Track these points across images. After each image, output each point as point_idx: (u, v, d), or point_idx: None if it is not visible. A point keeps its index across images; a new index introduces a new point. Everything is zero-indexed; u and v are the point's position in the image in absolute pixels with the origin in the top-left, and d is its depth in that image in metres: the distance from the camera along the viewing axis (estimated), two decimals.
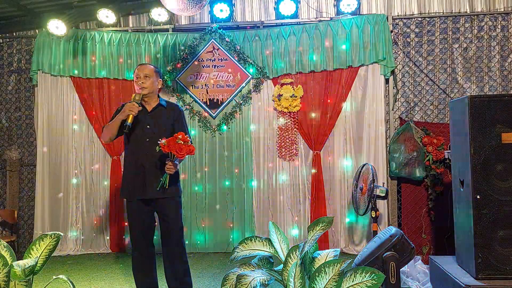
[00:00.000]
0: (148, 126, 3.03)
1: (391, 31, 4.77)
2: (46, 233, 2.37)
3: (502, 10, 4.74)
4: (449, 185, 4.05)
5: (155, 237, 3.16)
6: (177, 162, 2.94)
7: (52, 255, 2.34)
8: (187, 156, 2.91)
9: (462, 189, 3.03)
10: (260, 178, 4.92)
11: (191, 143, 2.92)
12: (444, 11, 4.83)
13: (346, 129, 4.82)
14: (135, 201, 3.04)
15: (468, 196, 2.89)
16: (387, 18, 4.75)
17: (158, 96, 3.16)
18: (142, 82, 3.00)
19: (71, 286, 2.23)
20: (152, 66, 3.11)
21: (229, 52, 4.93)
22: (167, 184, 2.93)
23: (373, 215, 3.94)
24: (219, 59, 4.96)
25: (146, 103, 3.08)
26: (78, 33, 5.03)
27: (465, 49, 4.79)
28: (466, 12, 4.80)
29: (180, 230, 3.09)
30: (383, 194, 3.87)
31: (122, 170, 3.26)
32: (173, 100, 4.96)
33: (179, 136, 2.77)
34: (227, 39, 4.91)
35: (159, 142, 2.78)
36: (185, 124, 3.20)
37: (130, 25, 5.27)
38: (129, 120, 2.90)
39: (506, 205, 2.81)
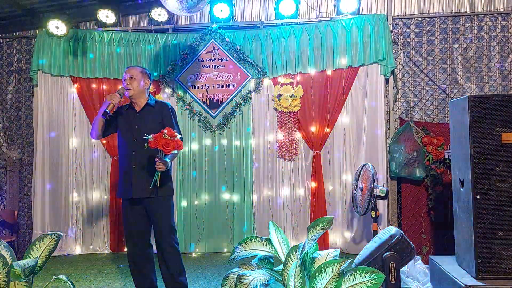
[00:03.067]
0: (136, 126, 3.07)
1: (391, 31, 4.77)
2: (46, 233, 2.37)
3: (502, 10, 4.74)
4: (449, 185, 4.04)
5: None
6: (168, 160, 2.93)
7: (52, 255, 2.34)
8: (177, 151, 2.92)
9: (462, 189, 3.03)
10: (260, 178, 4.91)
11: (181, 138, 2.93)
12: (444, 11, 4.83)
13: (346, 129, 4.82)
14: (127, 200, 3.07)
15: (468, 196, 2.89)
16: (387, 18, 4.75)
17: (149, 96, 3.19)
18: (127, 84, 3.08)
19: (71, 286, 2.23)
20: (138, 68, 3.17)
21: (229, 52, 4.93)
22: (159, 183, 2.93)
23: (373, 215, 3.94)
24: (219, 59, 4.96)
25: (134, 104, 3.14)
26: (78, 33, 5.03)
27: (465, 49, 4.79)
28: (466, 12, 4.80)
29: (171, 230, 3.08)
30: (383, 194, 3.87)
31: None
32: (173, 100, 4.96)
33: (165, 131, 2.78)
34: (227, 39, 4.91)
35: (144, 137, 2.80)
36: (174, 120, 3.18)
37: (130, 25, 5.27)
38: (109, 108, 3.00)
39: (506, 205, 2.80)
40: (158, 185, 2.94)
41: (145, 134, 2.81)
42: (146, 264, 3.10)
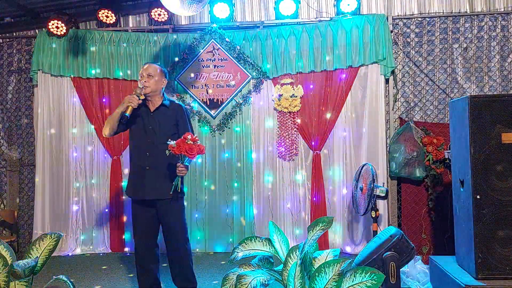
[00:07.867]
0: (150, 127, 3.04)
1: (391, 31, 4.77)
2: (46, 233, 2.37)
3: (502, 10, 4.74)
4: (449, 185, 4.05)
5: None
6: (188, 164, 2.93)
7: (52, 255, 2.34)
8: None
9: (462, 189, 3.03)
10: (260, 179, 4.91)
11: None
12: (444, 11, 4.83)
13: (346, 129, 4.81)
14: (137, 200, 3.06)
15: (468, 196, 2.89)
16: (387, 18, 4.74)
17: (164, 96, 3.16)
18: (145, 81, 3.02)
19: (71, 286, 2.23)
20: (156, 66, 3.13)
21: (229, 52, 4.93)
22: (180, 187, 2.92)
23: (373, 215, 3.94)
24: (219, 59, 4.96)
25: (149, 102, 3.10)
26: (78, 33, 5.03)
27: (465, 49, 4.79)
28: (466, 12, 4.79)
29: (181, 232, 3.08)
30: (383, 194, 3.87)
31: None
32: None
33: (188, 137, 2.77)
34: (227, 39, 4.91)
35: (168, 143, 2.78)
36: (189, 123, 3.17)
37: (130, 25, 5.27)
38: (128, 111, 2.93)
39: (506, 205, 2.81)
40: (179, 190, 2.94)
41: (169, 140, 2.79)
42: (152, 264, 3.10)
